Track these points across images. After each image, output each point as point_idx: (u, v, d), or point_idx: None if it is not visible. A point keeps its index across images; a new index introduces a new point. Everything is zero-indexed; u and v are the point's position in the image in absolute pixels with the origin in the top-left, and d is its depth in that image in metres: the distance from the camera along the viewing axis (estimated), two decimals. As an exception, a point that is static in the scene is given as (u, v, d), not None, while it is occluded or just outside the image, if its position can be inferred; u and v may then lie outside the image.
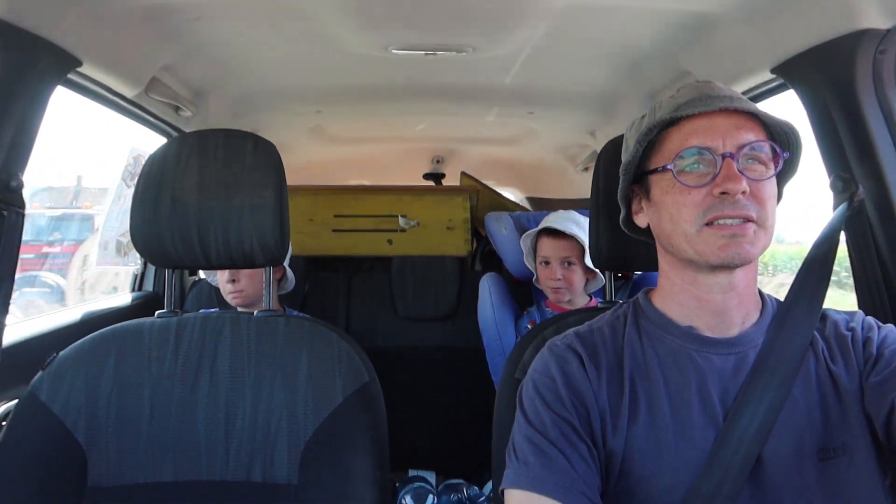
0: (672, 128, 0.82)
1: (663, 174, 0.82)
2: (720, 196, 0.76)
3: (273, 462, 1.03)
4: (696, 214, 0.78)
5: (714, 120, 0.79)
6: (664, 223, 0.83)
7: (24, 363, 1.18)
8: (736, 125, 0.79)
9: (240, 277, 1.69)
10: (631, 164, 0.87)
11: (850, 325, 0.85)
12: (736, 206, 0.76)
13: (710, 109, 0.79)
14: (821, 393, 0.80)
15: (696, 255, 0.79)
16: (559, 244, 1.79)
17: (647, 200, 0.88)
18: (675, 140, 0.81)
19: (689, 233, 0.79)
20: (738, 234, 0.76)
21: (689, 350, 0.83)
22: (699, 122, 0.80)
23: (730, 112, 0.79)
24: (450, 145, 3.09)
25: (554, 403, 0.81)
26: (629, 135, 0.91)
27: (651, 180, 0.85)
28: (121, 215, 2.12)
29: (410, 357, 2.29)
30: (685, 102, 0.81)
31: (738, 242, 0.76)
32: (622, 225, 0.96)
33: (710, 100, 0.80)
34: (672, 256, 0.85)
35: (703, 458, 0.77)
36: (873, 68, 1.11)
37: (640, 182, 0.88)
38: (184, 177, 1.08)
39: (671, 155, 0.81)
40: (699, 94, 0.81)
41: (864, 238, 1.12)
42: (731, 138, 0.78)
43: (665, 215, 0.82)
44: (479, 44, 1.59)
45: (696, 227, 0.78)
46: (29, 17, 1.07)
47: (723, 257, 0.77)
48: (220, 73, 1.79)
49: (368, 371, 1.09)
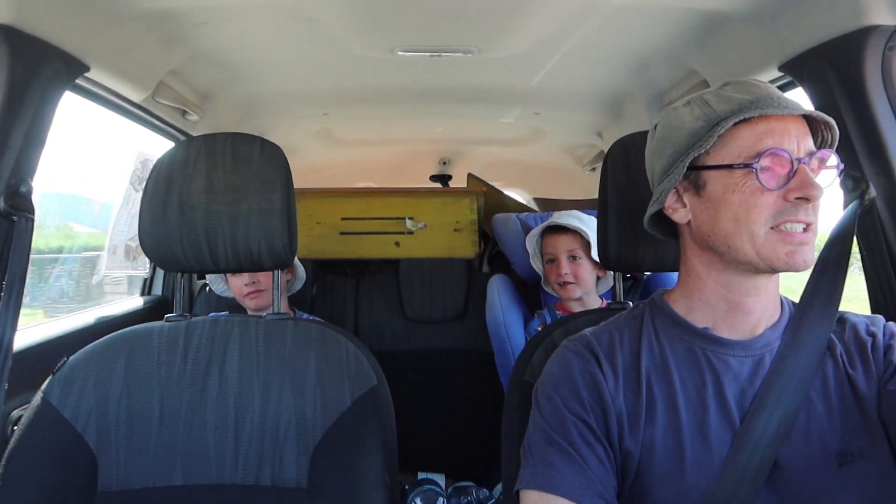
0: (741, 125, 0.78)
1: (731, 171, 0.78)
2: (795, 201, 0.75)
3: (282, 465, 1.03)
4: (766, 216, 0.76)
5: (787, 123, 0.78)
6: (723, 222, 0.79)
7: (35, 367, 1.19)
8: (804, 131, 0.78)
9: (259, 277, 1.69)
10: (686, 155, 0.81)
11: (871, 330, 0.84)
12: (806, 213, 0.76)
13: (787, 112, 0.77)
14: (839, 397, 0.79)
15: (757, 258, 0.77)
16: (563, 239, 1.80)
17: (696, 196, 0.83)
18: (748, 138, 0.78)
19: (757, 234, 0.77)
20: (804, 242, 0.76)
21: (705, 351, 0.83)
22: (773, 123, 0.77)
23: (797, 116, 0.78)
24: (456, 147, 3.09)
25: (571, 403, 0.81)
26: (674, 124, 0.85)
27: (708, 176, 0.81)
28: (129, 220, 2.13)
29: (419, 359, 2.29)
30: (755, 100, 0.78)
31: (804, 250, 0.76)
32: (647, 220, 0.91)
33: (782, 100, 0.78)
34: (715, 256, 0.82)
35: (719, 460, 0.77)
36: (882, 65, 1.10)
37: (686, 177, 0.84)
38: (191, 181, 1.08)
39: (744, 152, 0.77)
40: (768, 94, 0.79)
41: (875, 236, 1.10)
42: (803, 143, 0.77)
43: (726, 214, 0.79)
44: (484, 45, 1.59)
45: (764, 229, 0.76)
46: (37, 23, 1.08)
47: (790, 264, 0.76)
48: (226, 76, 1.80)
49: (377, 374, 1.08)
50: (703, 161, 0.81)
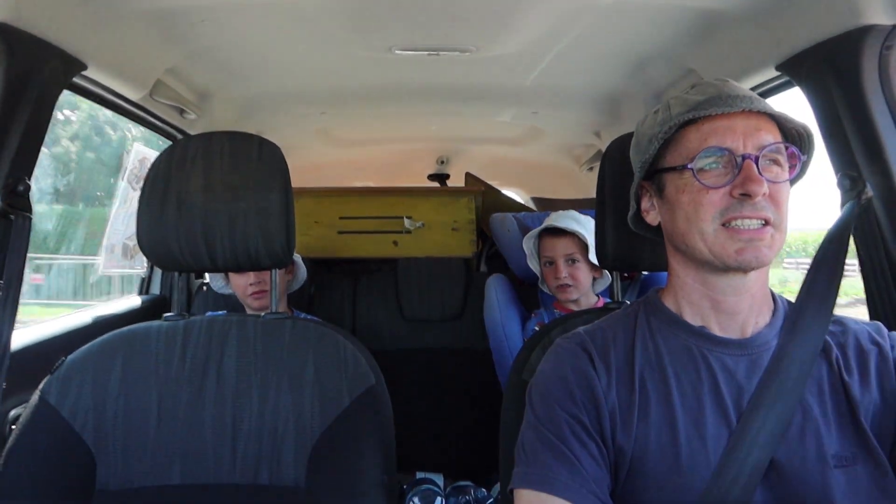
0: (690, 126, 0.81)
1: (680, 173, 0.81)
2: (740, 197, 0.76)
3: (280, 465, 1.03)
4: (713, 214, 0.78)
5: (734, 120, 0.79)
6: (679, 222, 0.82)
7: (33, 367, 1.19)
8: (756, 126, 0.79)
9: (265, 276, 1.69)
10: (646, 162, 0.86)
11: (876, 339, 0.84)
12: (755, 208, 0.76)
13: (732, 110, 0.78)
14: (834, 402, 0.80)
15: (711, 256, 0.79)
16: (561, 242, 1.79)
17: (658, 198, 0.87)
18: (694, 139, 0.80)
19: (706, 232, 0.78)
20: (755, 239, 0.77)
21: (701, 349, 0.83)
22: (719, 122, 0.79)
23: (749, 113, 0.79)
24: (454, 146, 3.09)
25: (564, 401, 0.81)
26: (641, 130, 0.90)
27: (665, 178, 0.84)
28: (126, 218, 2.12)
29: (417, 359, 2.29)
30: (704, 101, 0.81)
31: (755, 246, 0.77)
32: (630, 222, 0.96)
33: (730, 99, 0.79)
34: (684, 256, 0.85)
35: (715, 458, 0.77)
36: (879, 64, 1.10)
37: (651, 179, 0.88)
38: (189, 179, 1.08)
39: (689, 154, 0.80)
40: (718, 93, 0.81)
41: (872, 237, 1.10)
42: (751, 139, 0.78)
43: (680, 214, 0.82)
44: (482, 44, 1.59)
45: (712, 226, 0.78)
46: (35, 21, 1.08)
47: (740, 261, 0.77)
48: (224, 75, 1.80)
49: (375, 373, 1.08)
50: (661, 164, 0.85)
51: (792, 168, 0.80)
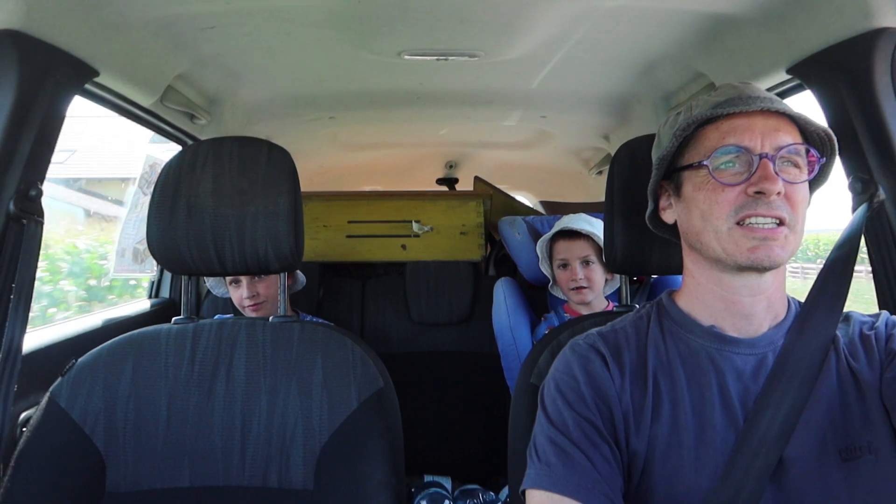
0: (709, 125, 0.82)
1: (697, 170, 0.82)
2: (755, 195, 0.76)
3: (289, 468, 1.03)
4: (728, 212, 0.78)
5: (753, 120, 0.79)
6: (694, 220, 0.83)
7: (44, 370, 1.20)
8: (774, 126, 0.79)
9: (258, 290, 1.71)
10: (664, 159, 0.86)
11: (875, 325, 0.84)
12: (770, 207, 0.76)
13: (749, 109, 0.79)
14: (842, 391, 0.79)
15: (724, 254, 0.79)
16: (576, 244, 1.80)
17: (676, 196, 0.88)
18: (712, 137, 0.81)
19: (721, 230, 0.79)
20: (769, 238, 0.76)
21: (709, 349, 0.83)
22: (738, 121, 0.80)
23: (769, 113, 0.79)
24: (463, 150, 3.09)
25: (576, 403, 0.81)
26: (663, 130, 0.90)
27: (683, 176, 0.85)
28: (138, 223, 2.14)
29: (425, 362, 2.29)
30: (724, 101, 0.81)
31: (768, 245, 0.76)
32: (648, 220, 0.96)
33: (749, 100, 0.80)
34: (699, 255, 0.85)
35: (723, 459, 0.77)
36: (891, 68, 1.09)
37: (670, 178, 0.88)
38: (199, 184, 1.09)
39: (706, 151, 0.81)
40: (738, 94, 0.82)
41: (884, 240, 1.10)
42: (769, 139, 0.78)
43: (696, 212, 0.82)
44: (490, 48, 1.59)
45: (727, 224, 0.78)
46: (46, 28, 1.09)
47: (752, 259, 0.77)
48: (234, 80, 1.81)
49: (383, 376, 1.09)
50: (679, 163, 0.85)
51: (811, 171, 0.80)
